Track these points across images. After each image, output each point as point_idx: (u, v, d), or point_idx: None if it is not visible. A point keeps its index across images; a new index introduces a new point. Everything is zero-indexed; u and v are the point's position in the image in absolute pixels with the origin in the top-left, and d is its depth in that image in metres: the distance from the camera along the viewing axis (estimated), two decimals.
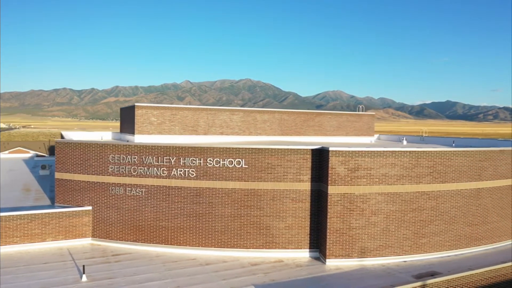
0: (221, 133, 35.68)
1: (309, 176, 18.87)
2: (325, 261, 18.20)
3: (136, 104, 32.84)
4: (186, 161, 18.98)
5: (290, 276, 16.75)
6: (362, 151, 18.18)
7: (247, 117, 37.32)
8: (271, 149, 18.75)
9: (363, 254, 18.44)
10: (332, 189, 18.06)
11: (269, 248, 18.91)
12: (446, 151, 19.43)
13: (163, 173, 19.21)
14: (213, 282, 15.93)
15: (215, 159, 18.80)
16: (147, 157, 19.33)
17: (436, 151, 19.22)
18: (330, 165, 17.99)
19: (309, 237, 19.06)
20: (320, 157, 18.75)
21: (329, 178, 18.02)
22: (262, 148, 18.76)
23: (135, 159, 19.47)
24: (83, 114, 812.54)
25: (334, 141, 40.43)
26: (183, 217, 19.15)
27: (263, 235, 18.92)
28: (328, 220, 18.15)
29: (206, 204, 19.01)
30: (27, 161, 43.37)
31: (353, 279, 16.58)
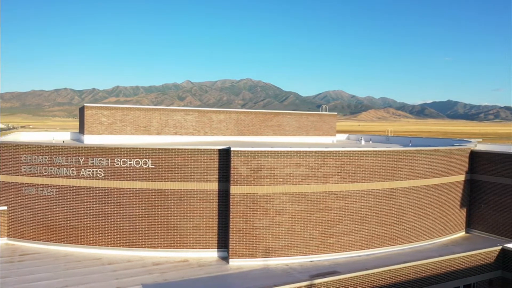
0: (175, 133, 35.76)
1: (216, 176, 18.91)
2: (229, 261, 18.25)
3: (85, 104, 33.01)
4: (94, 161, 19.05)
5: (185, 275, 16.81)
6: (264, 151, 18.21)
7: (202, 117, 37.37)
8: (177, 149, 18.80)
9: (267, 254, 18.48)
10: (234, 189, 18.11)
11: (177, 248, 18.96)
12: (355, 151, 19.45)
13: (72, 173, 19.29)
14: (103, 281, 16.00)
15: (122, 159, 18.87)
16: (57, 157, 19.41)
17: (344, 151, 19.24)
18: (232, 165, 18.04)
19: (217, 237, 19.10)
20: (226, 157, 18.78)
21: (231, 178, 18.07)
22: (168, 149, 18.81)
23: (46, 160, 19.55)
24: None
25: (293, 141, 40.47)
26: (92, 217, 19.23)
27: (170, 235, 18.98)
28: (231, 220, 18.20)
29: (114, 204, 19.07)
30: None
31: (247, 279, 16.62)
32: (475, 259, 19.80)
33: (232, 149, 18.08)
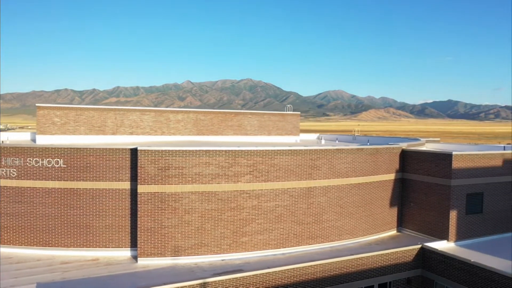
0: (131, 133, 35.79)
1: (128, 175, 18.98)
2: (137, 260, 18.33)
3: (37, 104, 33.09)
4: (7, 160, 19.13)
5: (87, 274, 16.86)
6: (172, 151, 18.28)
7: (159, 117, 37.41)
8: (89, 149, 18.88)
9: (177, 252, 18.54)
10: (141, 188, 18.19)
11: (89, 247, 19.03)
12: (268, 150, 19.49)
13: None
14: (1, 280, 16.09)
15: (34, 159, 18.95)
16: None
17: (256, 150, 19.28)
18: (139, 164, 18.12)
19: (130, 236, 19.16)
20: (137, 156, 18.83)
21: (139, 177, 18.15)
22: (79, 148, 18.89)
23: None
24: None
25: (254, 141, 40.49)
26: (6, 217, 19.29)
27: (82, 234, 19.04)
28: (139, 219, 18.28)
29: (28, 203, 19.14)
30: None
31: (142, 277, 16.65)
32: (391, 258, 19.87)
33: (139, 148, 18.16)
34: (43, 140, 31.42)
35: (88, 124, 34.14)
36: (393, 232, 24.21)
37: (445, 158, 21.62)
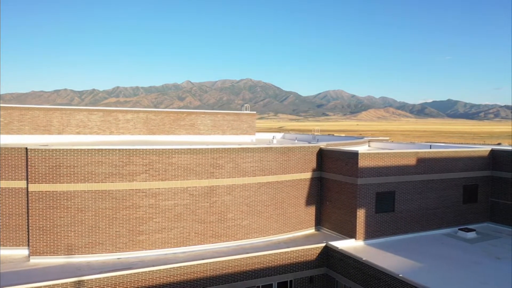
0: (78, 133, 35.91)
1: (25, 174, 19.06)
2: (30, 258, 18.43)
3: None
4: None
5: None
6: (63, 149, 18.36)
7: (108, 117, 37.49)
8: None
9: (70, 251, 18.62)
10: (32, 187, 18.28)
11: None
12: (164, 149, 19.55)
13: None
14: None
15: None
16: None
17: (151, 149, 19.34)
18: (29, 163, 18.21)
19: (28, 235, 19.24)
20: None
21: (29, 176, 18.24)
22: None
23: None
24: None
25: (207, 140, 40.60)
26: None
27: None
28: (30, 218, 18.37)
29: None
30: None
31: (26, 276, 16.71)
32: (292, 256, 19.93)
33: (28, 147, 18.25)
34: None
35: (33, 124, 34.24)
36: (311, 231, 24.25)
37: (353, 156, 21.66)
